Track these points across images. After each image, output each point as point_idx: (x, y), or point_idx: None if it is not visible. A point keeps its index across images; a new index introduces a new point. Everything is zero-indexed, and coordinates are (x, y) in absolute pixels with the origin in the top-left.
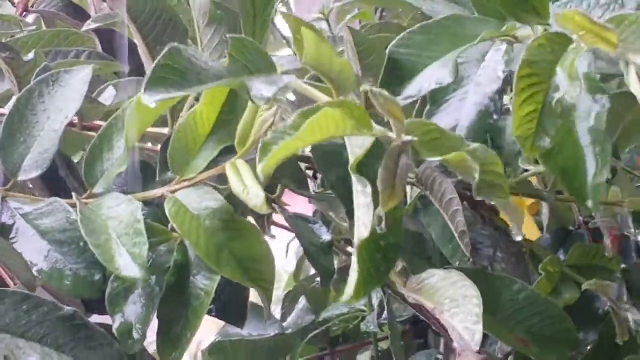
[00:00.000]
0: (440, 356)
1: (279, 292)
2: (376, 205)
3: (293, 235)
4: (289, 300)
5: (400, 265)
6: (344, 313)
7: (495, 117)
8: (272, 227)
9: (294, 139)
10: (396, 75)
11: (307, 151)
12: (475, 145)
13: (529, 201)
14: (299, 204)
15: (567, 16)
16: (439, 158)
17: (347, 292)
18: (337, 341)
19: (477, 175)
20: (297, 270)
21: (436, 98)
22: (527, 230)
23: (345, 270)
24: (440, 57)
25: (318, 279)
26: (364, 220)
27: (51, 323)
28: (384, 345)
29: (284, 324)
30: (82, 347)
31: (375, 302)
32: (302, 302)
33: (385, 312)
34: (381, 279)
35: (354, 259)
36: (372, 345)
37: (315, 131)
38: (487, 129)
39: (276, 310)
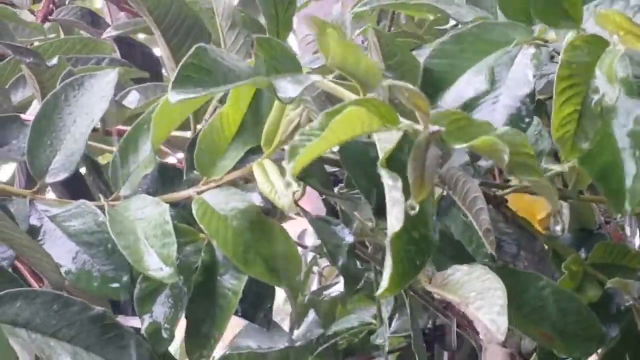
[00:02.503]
0: None
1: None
2: (406, 199)
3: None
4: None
5: None
6: (353, 326)
7: (527, 120)
8: None
9: (321, 140)
10: (433, 85)
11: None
12: (504, 128)
13: (540, 215)
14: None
15: (607, 16)
16: (467, 144)
17: (382, 286)
18: (343, 355)
19: (506, 157)
20: (303, 282)
21: (468, 102)
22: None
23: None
24: (474, 64)
25: (326, 292)
26: (396, 213)
27: (81, 323)
28: (391, 358)
29: (293, 337)
30: (112, 346)
31: (385, 314)
32: (311, 315)
33: (392, 325)
34: (416, 272)
35: (388, 253)
36: (378, 359)
37: (342, 130)
38: None
39: (284, 323)
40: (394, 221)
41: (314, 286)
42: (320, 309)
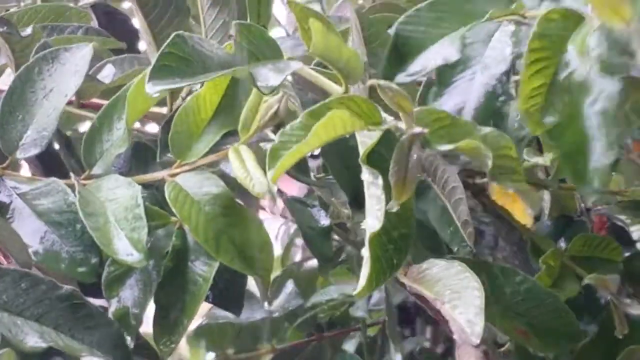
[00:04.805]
0: (427, 343)
1: None
2: (386, 196)
3: (282, 220)
4: (276, 284)
5: None
6: (333, 298)
7: (502, 98)
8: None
9: (303, 145)
10: (402, 52)
11: None
12: (487, 129)
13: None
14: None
15: None
16: (450, 146)
17: (360, 285)
18: (323, 327)
19: (489, 162)
20: (284, 254)
21: (443, 79)
22: (520, 217)
23: (337, 254)
24: (448, 34)
25: (306, 263)
26: (376, 212)
27: (49, 302)
28: (370, 332)
29: (271, 308)
30: (81, 326)
31: None
32: (290, 286)
33: (373, 298)
34: (393, 270)
35: (366, 252)
36: (359, 332)
37: (324, 134)
38: (494, 109)
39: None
40: (374, 221)
41: (297, 259)
42: (300, 280)
